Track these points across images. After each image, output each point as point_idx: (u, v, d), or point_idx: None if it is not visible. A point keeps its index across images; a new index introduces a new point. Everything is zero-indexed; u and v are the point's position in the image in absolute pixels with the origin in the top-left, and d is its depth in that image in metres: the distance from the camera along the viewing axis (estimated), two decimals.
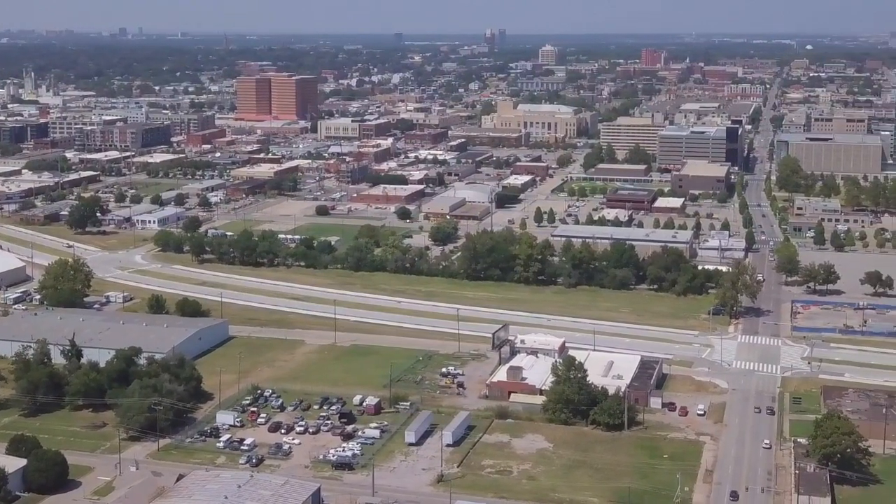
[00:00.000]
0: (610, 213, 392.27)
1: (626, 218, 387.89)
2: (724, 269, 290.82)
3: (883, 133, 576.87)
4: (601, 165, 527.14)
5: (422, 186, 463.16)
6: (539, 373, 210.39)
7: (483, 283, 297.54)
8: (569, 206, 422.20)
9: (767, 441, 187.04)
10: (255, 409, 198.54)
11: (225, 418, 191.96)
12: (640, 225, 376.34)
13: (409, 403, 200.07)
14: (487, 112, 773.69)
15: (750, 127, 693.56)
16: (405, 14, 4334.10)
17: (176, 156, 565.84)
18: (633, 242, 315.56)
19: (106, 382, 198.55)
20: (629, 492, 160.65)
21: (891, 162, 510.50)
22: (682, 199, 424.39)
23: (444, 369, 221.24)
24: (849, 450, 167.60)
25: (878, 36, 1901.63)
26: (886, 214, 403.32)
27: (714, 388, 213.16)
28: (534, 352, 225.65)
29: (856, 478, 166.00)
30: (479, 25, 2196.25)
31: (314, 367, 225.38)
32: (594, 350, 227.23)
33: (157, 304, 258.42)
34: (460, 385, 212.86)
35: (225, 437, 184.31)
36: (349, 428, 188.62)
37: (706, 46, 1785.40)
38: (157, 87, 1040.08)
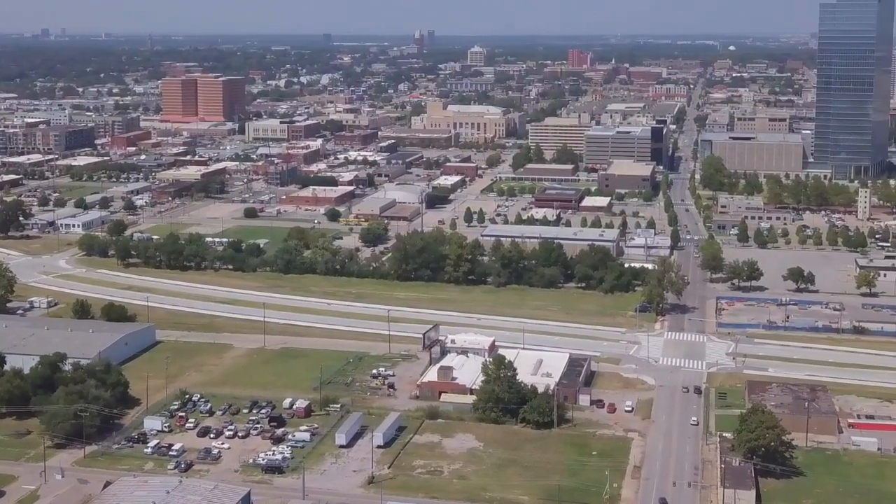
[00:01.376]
0: (538, 213, 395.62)
1: (555, 217, 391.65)
2: (650, 266, 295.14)
3: (804, 132, 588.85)
4: (530, 165, 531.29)
5: (352, 188, 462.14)
6: (469, 372, 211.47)
7: (413, 283, 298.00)
8: (498, 206, 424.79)
9: (695, 418, 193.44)
10: (183, 413, 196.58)
11: (153, 424, 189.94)
12: (568, 224, 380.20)
13: (339, 405, 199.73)
14: (417, 113, 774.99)
15: (674, 126, 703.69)
16: (334, 15, 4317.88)
17: (100, 158, 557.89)
18: (562, 241, 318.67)
19: (30, 389, 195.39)
20: (559, 489, 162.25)
21: (812, 160, 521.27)
22: (608, 198, 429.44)
23: (374, 371, 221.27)
24: (773, 443, 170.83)
25: (799, 37, 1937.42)
26: (808, 212, 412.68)
27: (641, 385, 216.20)
28: (464, 351, 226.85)
29: (779, 471, 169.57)
30: (408, 26, 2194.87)
31: (243, 371, 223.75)
32: (524, 349, 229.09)
33: (82, 310, 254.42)
34: (391, 386, 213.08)
35: (153, 443, 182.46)
36: (279, 431, 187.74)
37: (631, 47, 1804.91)
38: (80, 89, 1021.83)
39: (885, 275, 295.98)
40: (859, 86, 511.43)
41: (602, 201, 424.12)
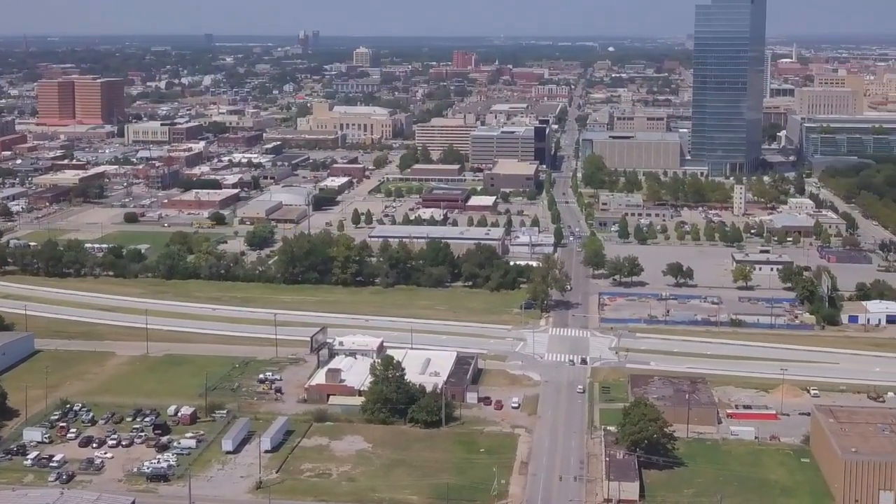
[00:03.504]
0: (426, 213, 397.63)
1: (442, 217, 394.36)
2: (534, 264, 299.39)
3: (681, 130, 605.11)
4: (417, 166, 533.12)
5: (236, 191, 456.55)
6: (358, 374, 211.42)
7: (301, 286, 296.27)
8: (386, 207, 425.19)
9: (581, 386, 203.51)
10: (64, 424, 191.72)
11: (32, 435, 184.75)
12: (455, 223, 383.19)
13: (225, 411, 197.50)
14: (303, 114, 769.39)
15: (557, 126, 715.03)
16: (215, 14, 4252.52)
17: None
18: (448, 241, 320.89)
19: None
20: (447, 488, 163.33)
21: (689, 158, 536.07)
22: (494, 198, 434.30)
23: (261, 375, 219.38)
24: (655, 435, 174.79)
25: (676, 38, 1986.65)
26: (686, 208, 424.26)
27: (528, 381, 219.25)
28: (352, 353, 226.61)
29: (662, 462, 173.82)
30: (293, 27, 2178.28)
31: (126, 379, 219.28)
32: (412, 348, 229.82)
33: None
34: (278, 390, 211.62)
35: (33, 455, 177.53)
36: (164, 439, 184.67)
37: (514, 49, 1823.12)
38: None
39: (760, 268, 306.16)
40: (734, 85, 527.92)
41: (488, 200, 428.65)
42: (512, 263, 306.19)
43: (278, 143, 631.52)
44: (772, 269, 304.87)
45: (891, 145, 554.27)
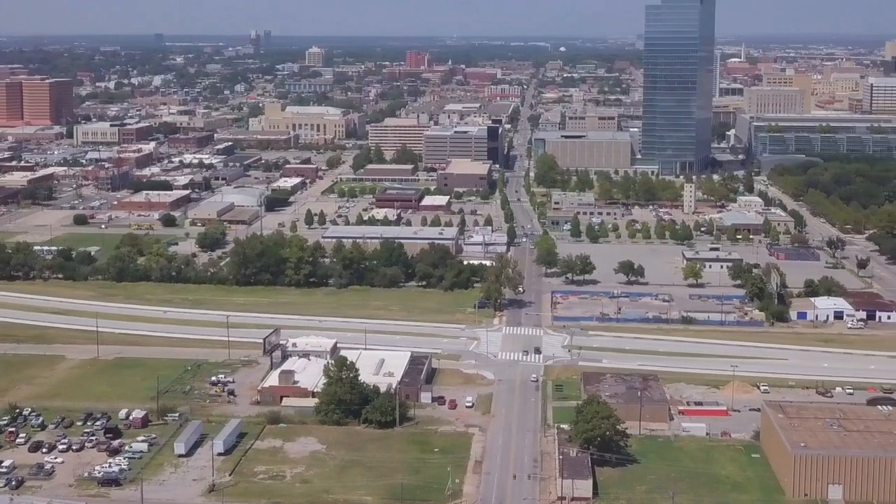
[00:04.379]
0: (379, 213, 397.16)
1: (395, 217, 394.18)
2: (487, 263, 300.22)
3: (631, 130, 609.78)
4: (370, 166, 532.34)
5: (187, 192, 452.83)
6: (311, 375, 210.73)
7: (253, 288, 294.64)
8: (339, 208, 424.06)
9: (535, 376, 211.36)
10: (13, 429, 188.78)
11: None
12: (409, 223, 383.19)
13: (177, 414, 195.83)
14: (255, 114, 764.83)
15: (509, 126, 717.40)
16: (165, 14, 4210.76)
17: None
18: (402, 241, 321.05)
19: None
20: (402, 488, 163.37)
21: (640, 157, 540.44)
22: (447, 197, 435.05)
23: (213, 378, 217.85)
24: (608, 433, 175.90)
25: (626, 38, 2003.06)
26: (637, 207, 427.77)
27: (481, 380, 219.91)
28: (306, 354, 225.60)
29: (615, 459, 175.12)
30: (244, 26, 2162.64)
31: (76, 383, 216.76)
32: (366, 349, 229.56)
33: None
34: (231, 393, 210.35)
35: None
36: (115, 443, 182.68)
37: (467, 49, 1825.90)
38: None
39: (710, 266, 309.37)
40: (683, 85, 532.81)
41: (441, 200, 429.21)
42: (466, 263, 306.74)
43: (230, 143, 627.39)
44: (721, 267, 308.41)
45: (838, 143, 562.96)
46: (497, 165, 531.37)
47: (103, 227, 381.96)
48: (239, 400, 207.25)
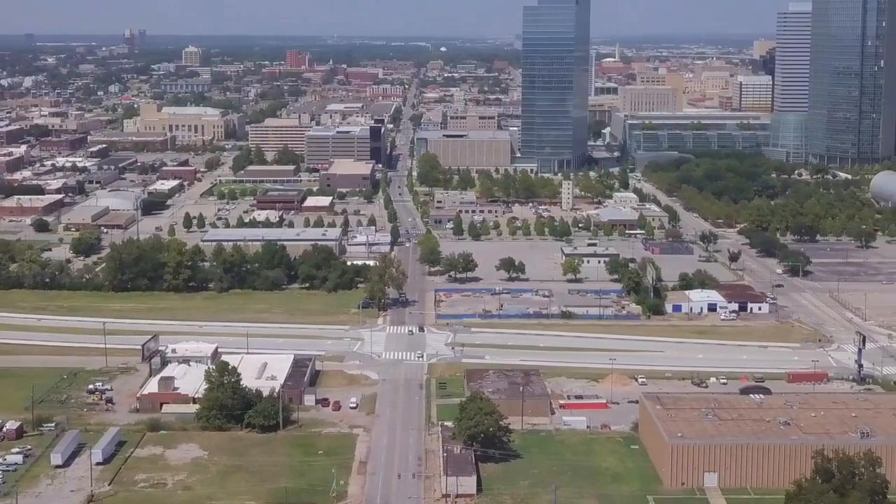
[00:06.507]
0: (261, 215, 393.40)
1: (277, 218, 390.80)
2: (371, 263, 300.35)
3: (511, 128, 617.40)
4: (251, 167, 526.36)
5: (61, 196, 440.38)
6: (192, 381, 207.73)
7: (131, 293, 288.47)
8: (219, 210, 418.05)
9: (420, 351, 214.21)
10: None
11: None
12: (291, 225, 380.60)
13: (54, 424, 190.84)
14: (130, 115, 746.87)
15: (392, 126, 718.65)
16: (36, 13, 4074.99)
17: None
18: (285, 242, 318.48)
19: None
20: (286, 491, 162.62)
21: (519, 155, 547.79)
22: (330, 198, 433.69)
23: (90, 386, 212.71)
24: (491, 429, 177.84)
25: (505, 38, 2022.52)
26: (517, 204, 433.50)
27: (366, 381, 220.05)
28: (186, 360, 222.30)
29: (498, 455, 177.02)
30: (118, 25, 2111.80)
31: None
32: (248, 353, 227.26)
33: None
34: (109, 401, 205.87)
35: None
36: None
37: (348, 48, 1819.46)
38: None
39: (588, 261, 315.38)
40: (560, 84, 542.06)
41: (324, 201, 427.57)
42: (349, 263, 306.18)
43: (104, 146, 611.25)
44: (599, 262, 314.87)
45: (709, 140, 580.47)
46: (380, 165, 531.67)
47: (65, 231, 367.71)
48: (118, 408, 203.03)
